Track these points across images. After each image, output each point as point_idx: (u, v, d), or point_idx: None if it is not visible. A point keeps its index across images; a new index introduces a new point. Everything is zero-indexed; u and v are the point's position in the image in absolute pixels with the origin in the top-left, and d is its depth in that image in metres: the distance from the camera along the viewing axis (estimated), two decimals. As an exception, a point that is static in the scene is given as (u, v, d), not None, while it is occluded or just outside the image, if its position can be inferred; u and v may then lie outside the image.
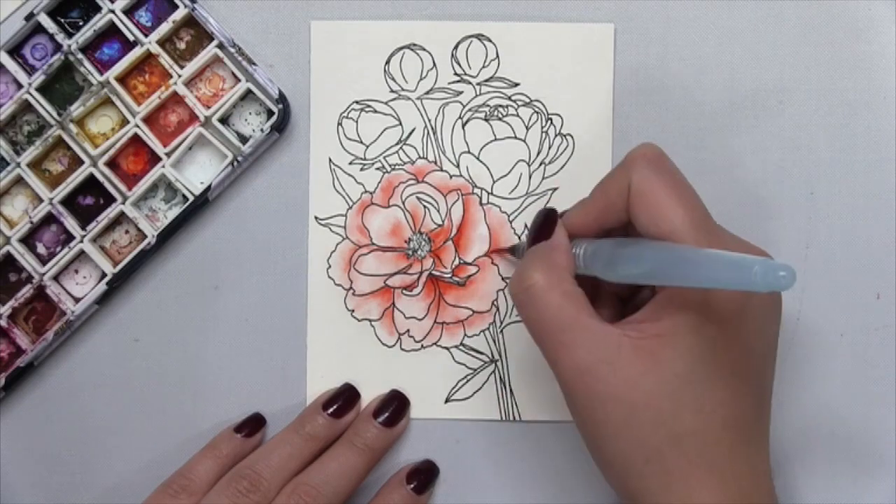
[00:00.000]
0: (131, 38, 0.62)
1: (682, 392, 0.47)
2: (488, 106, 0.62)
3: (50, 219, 0.62)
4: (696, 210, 0.49)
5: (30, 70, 0.62)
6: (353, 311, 0.62)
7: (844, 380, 0.61)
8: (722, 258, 0.42)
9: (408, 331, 0.62)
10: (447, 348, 0.62)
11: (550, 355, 0.50)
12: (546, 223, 0.53)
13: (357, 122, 0.62)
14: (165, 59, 0.61)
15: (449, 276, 0.62)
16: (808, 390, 0.61)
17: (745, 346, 0.49)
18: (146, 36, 0.62)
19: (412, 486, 0.60)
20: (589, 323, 0.48)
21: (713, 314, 0.47)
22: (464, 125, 0.62)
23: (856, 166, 0.62)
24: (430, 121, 0.62)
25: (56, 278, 0.61)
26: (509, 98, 0.62)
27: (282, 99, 0.61)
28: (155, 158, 0.62)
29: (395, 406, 0.61)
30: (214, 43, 0.62)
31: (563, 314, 0.49)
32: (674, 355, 0.47)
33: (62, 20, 0.62)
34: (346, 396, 0.61)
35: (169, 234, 0.61)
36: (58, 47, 0.62)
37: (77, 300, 0.61)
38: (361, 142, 0.62)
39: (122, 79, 0.62)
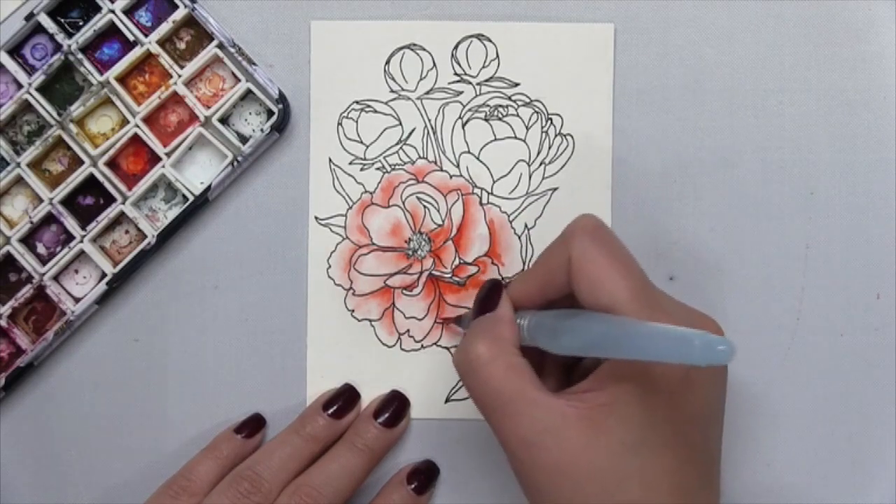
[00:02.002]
0: (131, 38, 0.62)
1: (628, 462, 0.47)
2: (488, 106, 0.62)
3: (50, 219, 0.62)
4: (636, 281, 0.48)
5: (30, 70, 0.62)
6: (353, 311, 0.62)
7: (844, 380, 0.61)
8: (662, 332, 0.42)
9: (408, 331, 0.62)
10: (447, 348, 0.62)
11: (495, 426, 0.50)
12: (491, 295, 0.54)
13: (357, 122, 0.62)
14: (165, 59, 0.61)
15: (449, 276, 0.62)
16: (807, 390, 0.61)
17: (690, 414, 0.48)
18: (146, 36, 0.62)
19: (412, 486, 0.60)
20: (533, 395, 0.48)
21: (656, 384, 0.47)
22: (464, 125, 0.62)
23: (856, 166, 0.62)
24: (430, 121, 0.62)
25: (56, 278, 0.61)
26: (509, 98, 0.62)
27: (282, 99, 0.61)
28: (155, 158, 0.62)
29: (395, 406, 0.61)
30: (214, 43, 0.62)
31: (507, 386, 0.49)
32: (618, 424, 0.47)
33: (62, 20, 0.62)
34: (346, 397, 0.61)
35: (169, 234, 0.61)
36: (58, 47, 0.62)
37: (77, 300, 0.61)
38: (361, 142, 0.62)
39: (122, 79, 0.62)
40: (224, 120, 0.62)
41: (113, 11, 0.61)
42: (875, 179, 0.62)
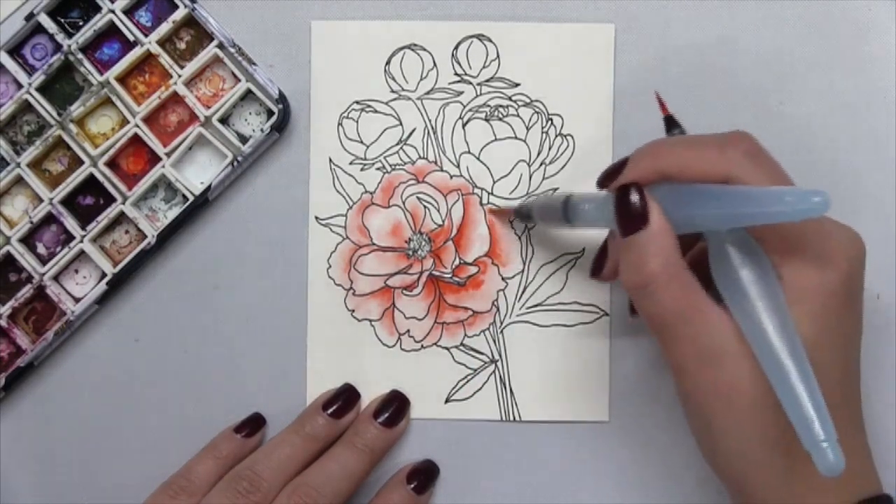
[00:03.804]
0: (131, 38, 0.62)
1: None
2: (489, 106, 0.62)
3: (50, 219, 0.62)
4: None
5: (30, 70, 0.62)
6: (353, 311, 0.62)
7: (845, 380, 0.61)
8: (756, 192, 0.44)
9: (408, 331, 0.62)
10: (447, 348, 0.62)
11: (670, 345, 0.49)
12: (642, 205, 0.49)
13: (357, 122, 0.62)
14: (165, 59, 0.61)
15: (449, 276, 0.62)
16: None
17: (849, 328, 0.49)
18: (146, 36, 0.62)
19: (412, 486, 0.60)
20: (710, 312, 0.48)
21: (823, 296, 0.47)
22: (464, 125, 0.62)
23: (856, 166, 0.62)
24: (430, 121, 0.62)
25: (56, 278, 0.61)
26: (510, 98, 0.62)
27: (282, 99, 0.61)
28: (155, 158, 0.62)
29: (395, 406, 0.61)
30: (214, 43, 0.62)
31: (685, 306, 0.48)
32: (799, 322, 0.46)
33: (62, 20, 0.62)
34: (346, 397, 0.61)
35: (169, 234, 0.61)
36: (58, 47, 0.62)
37: (77, 300, 0.61)
38: (362, 142, 0.62)
39: (122, 79, 0.62)
40: (224, 120, 0.62)
41: (113, 11, 0.61)
42: (875, 179, 0.62)
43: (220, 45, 0.62)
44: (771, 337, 0.45)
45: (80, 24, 0.62)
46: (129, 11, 0.62)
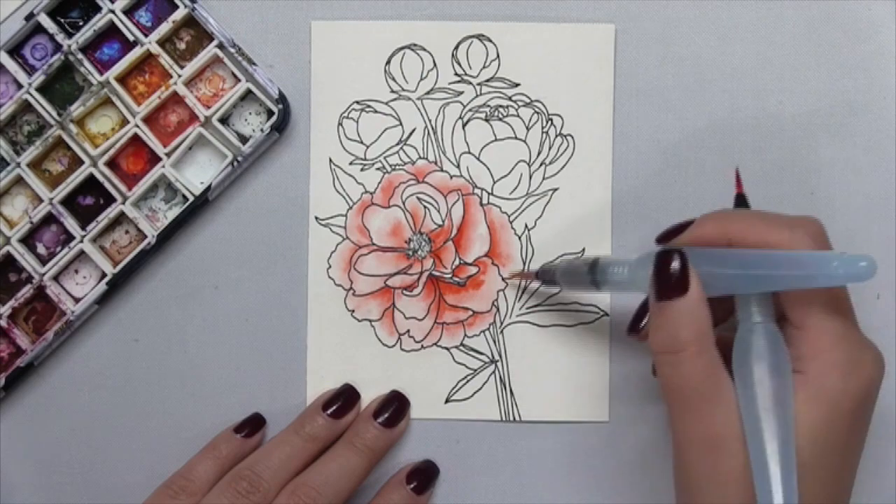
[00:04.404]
0: (131, 38, 0.62)
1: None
2: (489, 106, 0.62)
3: (50, 219, 0.62)
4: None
5: (30, 70, 0.62)
6: (353, 311, 0.62)
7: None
8: (800, 256, 0.46)
9: (408, 331, 0.62)
10: (447, 348, 0.62)
11: (680, 420, 0.49)
12: (683, 273, 0.49)
13: (357, 122, 0.62)
14: (165, 59, 0.61)
15: (449, 276, 0.62)
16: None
17: (858, 431, 0.49)
18: (146, 36, 0.62)
19: (412, 486, 0.60)
20: (728, 394, 0.47)
21: (839, 404, 0.47)
22: (464, 125, 0.62)
23: (856, 166, 0.62)
24: (430, 121, 0.62)
25: (56, 278, 0.61)
26: (510, 98, 0.62)
27: (282, 99, 0.61)
28: (155, 158, 0.62)
29: (395, 406, 0.61)
30: (214, 43, 0.62)
31: (708, 382, 0.48)
32: (811, 421, 0.47)
33: (62, 20, 0.62)
34: (345, 397, 0.61)
35: (169, 234, 0.61)
36: (58, 47, 0.62)
37: (77, 300, 0.61)
38: (362, 142, 0.62)
39: (122, 79, 0.62)
40: (224, 120, 0.62)
41: (113, 11, 0.61)
42: (875, 179, 0.62)
43: (220, 45, 0.62)
44: (765, 438, 0.45)
45: (80, 24, 0.62)
46: (129, 11, 0.62)
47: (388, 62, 0.62)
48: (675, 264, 0.48)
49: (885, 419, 0.61)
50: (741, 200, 0.57)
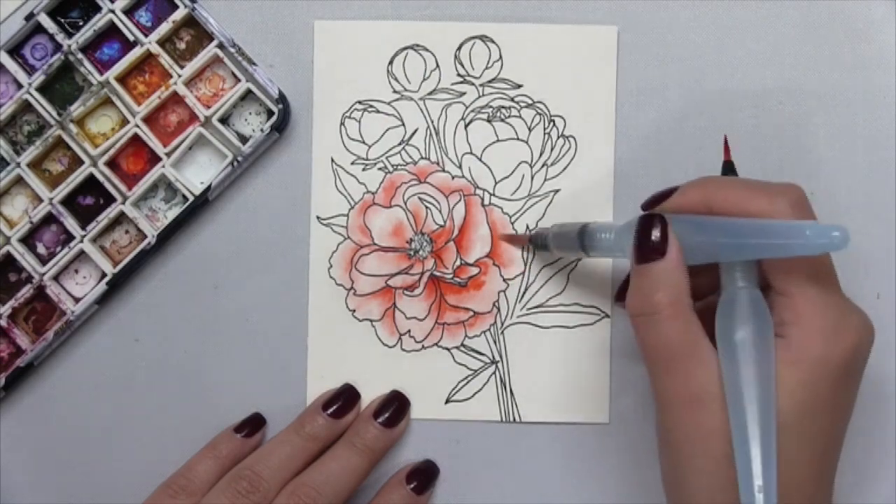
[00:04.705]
0: (131, 38, 0.61)
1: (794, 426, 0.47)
2: (491, 107, 0.62)
3: (50, 219, 0.62)
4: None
5: (30, 70, 0.62)
6: (354, 311, 0.62)
7: (844, 380, 0.61)
8: (772, 225, 0.46)
9: (409, 331, 0.62)
10: (448, 349, 0.62)
11: (659, 379, 0.49)
12: (662, 237, 0.50)
13: (360, 122, 0.62)
14: (165, 59, 0.61)
15: (450, 276, 0.62)
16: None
17: (844, 398, 0.50)
18: (146, 36, 0.61)
19: (412, 486, 0.60)
20: (706, 353, 0.48)
21: (822, 363, 0.47)
22: (466, 126, 0.62)
23: (856, 166, 0.62)
24: (432, 121, 0.62)
25: (56, 278, 0.61)
26: (512, 99, 0.62)
27: (282, 99, 0.61)
28: (155, 158, 0.61)
29: (395, 406, 0.61)
30: (214, 43, 0.62)
31: (684, 342, 0.48)
32: (790, 386, 0.47)
33: (62, 20, 0.62)
34: (346, 397, 0.61)
35: (169, 234, 0.61)
36: (58, 47, 0.62)
37: (77, 300, 0.61)
38: (364, 142, 0.62)
39: (122, 79, 0.62)
40: (224, 120, 0.62)
41: (113, 11, 0.61)
42: (875, 179, 0.62)
43: (220, 45, 0.61)
44: (745, 399, 0.46)
45: (80, 24, 0.62)
46: (129, 11, 0.62)
47: (391, 62, 0.62)
48: (656, 230, 0.49)
49: (884, 418, 0.61)
50: (729, 168, 0.58)
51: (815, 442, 0.48)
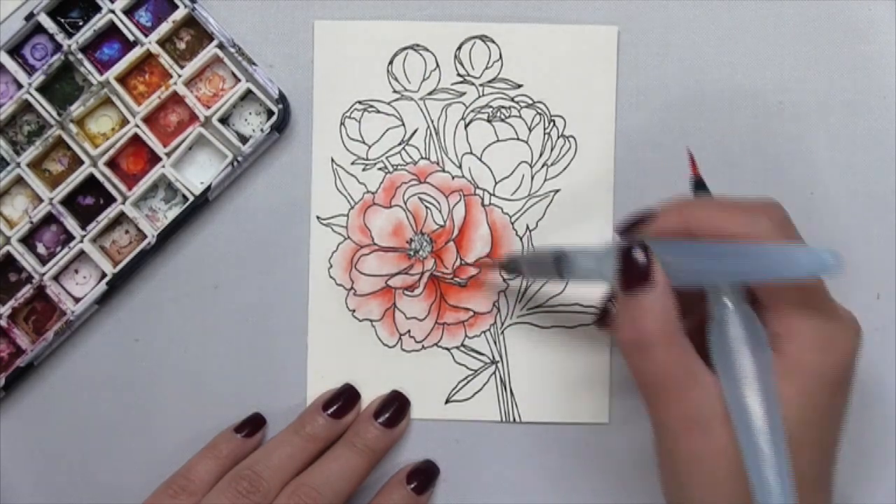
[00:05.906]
0: (131, 38, 0.61)
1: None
2: (491, 107, 0.62)
3: (50, 219, 0.62)
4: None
5: (30, 70, 0.62)
6: (354, 311, 0.62)
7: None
8: (766, 250, 0.45)
9: (409, 331, 0.62)
10: (448, 349, 0.62)
11: (656, 407, 0.49)
12: (647, 267, 0.49)
13: (360, 122, 0.62)
14: (165, 59, 0.61)
15: (450, 276, 0.62)
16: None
17: (838, 406, 0.49)
18: (146, 36, 0.61)
19: (412, 486, 0.60)
20: (703, 377, 0.48)
21: (816, 379, 0.47)
22: (466, 126, 0.62)
23: (856, 166, 0.62)
24: (432, 121, 0.62)
25: (56, 278, 0.61)
26: (512, 99, 0.62)
27: (282, 99, 0.61)
28: (155, 158, 0.61)
29: (395, 407, 0.61)
30: (214, 43, 0.62)
31: (679, 368, 0.48)
32: (789, 397, 0.47)
33: (62, 20, 0.62)
34: (346, 397, 0.61)
35: (169, 234, 0.61)
36: (58, 47, 0.62)
37: (77, 300, 0.61)
38: (364, 142, 0.62)
39: (122, 79, 0.62)
40: (224, 120, 0.62)
41: (113, 11, 0.61)
42: (875, 179, 0.62)
43: (220, 45, 0.61)
44: (753, 417, 0.46)
45: (80, 24, 0.62)
46: (129, 11, 0.62)
47: (391, 62, 0.62)
48: (640, 257, 0.49)
49: (884, 419, 0.61)
50: (699, 184, 0.57)
51: (814, 449, 0.48)
